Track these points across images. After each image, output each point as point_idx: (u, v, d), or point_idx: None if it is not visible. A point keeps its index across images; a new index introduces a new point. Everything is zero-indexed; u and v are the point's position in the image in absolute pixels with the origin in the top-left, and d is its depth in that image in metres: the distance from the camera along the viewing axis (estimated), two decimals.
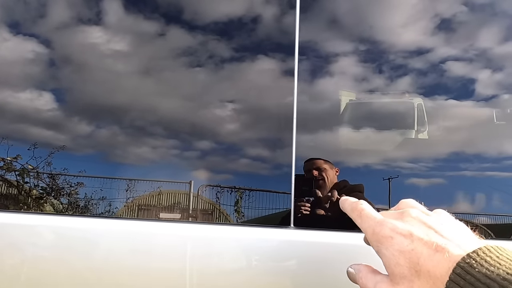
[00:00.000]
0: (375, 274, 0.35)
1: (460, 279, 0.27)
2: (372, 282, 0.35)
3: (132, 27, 0.90)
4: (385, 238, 0.32)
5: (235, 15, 0.86)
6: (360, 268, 0.37)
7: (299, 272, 0.66)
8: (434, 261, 0.29)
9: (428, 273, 0.29)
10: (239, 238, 0.71)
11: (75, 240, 0.73)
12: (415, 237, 0.31)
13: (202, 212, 0.81)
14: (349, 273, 0.39)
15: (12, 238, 0.74)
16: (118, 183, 0.83)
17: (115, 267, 0.70)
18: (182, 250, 0.70)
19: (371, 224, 0.35)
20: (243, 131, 0.83)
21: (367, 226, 0.36)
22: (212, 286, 0.68)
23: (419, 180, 0.77)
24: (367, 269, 0.36)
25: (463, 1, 0.84)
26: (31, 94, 0.90)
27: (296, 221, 0.72)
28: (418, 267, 0.30)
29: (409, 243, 0.31)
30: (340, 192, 0.73)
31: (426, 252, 0.30)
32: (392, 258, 0.31)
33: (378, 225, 0.34)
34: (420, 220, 0.33)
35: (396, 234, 0.32)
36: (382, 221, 0.34)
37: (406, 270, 0.30)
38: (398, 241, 0.31)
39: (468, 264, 0.27)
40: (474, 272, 0.27)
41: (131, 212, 0.82)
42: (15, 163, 0.85)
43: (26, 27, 0.92)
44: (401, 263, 0.31)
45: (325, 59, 0.83)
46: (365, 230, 0.36)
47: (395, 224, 0.33)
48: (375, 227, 0.34)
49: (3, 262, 0.73)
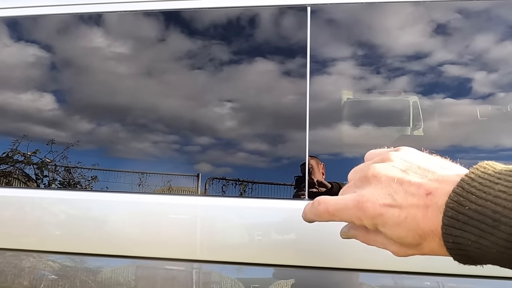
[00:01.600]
0: (375, 232, 0.32)
1: (454, 222, 0.26)
2: (377, 242, 0.33)
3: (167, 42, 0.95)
4: (376, 218, 0.30)
5: (260, 25, 0.91)
6: (356, 227, 0.35)
7: None
8: (430, 218, 0.28)
9: (431, 232, 0.28)
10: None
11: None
12: (399, 202, 0.29)
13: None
14: (343, 233, 0.37)
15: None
16: (136, 177, 0.89)
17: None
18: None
19: (350, 213, 0.32)
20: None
21: (348, 217, 0.32)
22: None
23: None
24: (364, 227, 0.34)
25: (456, 9, 0.88)
26: (40, 97, 0.96)
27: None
28: (420, 231, 0.28)
29: (399, 212, 0.29)
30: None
31: (419, 212, 0.28)
32: (392, 233, 0.30)
33: (357, 209, 0.31)
34: (389, 177, 0.30)
35: (381, 208, 0.30)
36: (357, 201, 0.31)
37: (410, 238, 0.29)
38: (389, 216, 0.29)
39: (457, 202, 0.26)
40: (464, 210, 0.26)
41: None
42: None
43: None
44: (402, 234, 0.29)
45: (330, 61, 0.88)
46: (350, 221, 0.33)
47: (373, 196, 0.30)
48: (357, 214, 0.31)
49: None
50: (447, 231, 0.27)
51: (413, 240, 0.29)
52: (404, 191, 0.29)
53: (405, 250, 0.31)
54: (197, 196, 0.84)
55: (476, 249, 0.26)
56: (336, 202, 0.33)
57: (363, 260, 0.73)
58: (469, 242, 0.26)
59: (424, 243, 0.29)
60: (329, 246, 0.73)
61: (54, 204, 0.86)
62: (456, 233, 0.26)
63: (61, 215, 0.85)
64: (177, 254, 0.78)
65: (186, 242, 0.77)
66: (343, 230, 0.38)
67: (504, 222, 0.24)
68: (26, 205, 0.86)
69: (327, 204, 0.34)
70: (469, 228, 0.26)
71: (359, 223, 0.32)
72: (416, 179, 0.29)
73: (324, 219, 0.35)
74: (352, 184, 0.34)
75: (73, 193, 0.87)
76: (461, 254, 0.27)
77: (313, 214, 0.35)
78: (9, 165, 0.93)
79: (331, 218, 0.34)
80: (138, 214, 0.82)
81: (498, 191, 0.25)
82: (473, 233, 0.26)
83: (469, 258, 0.27)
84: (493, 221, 0.25)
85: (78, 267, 0.81)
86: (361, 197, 0.31)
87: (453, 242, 0.27)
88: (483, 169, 0.27)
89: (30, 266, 0.83)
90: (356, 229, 0.36)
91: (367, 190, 0.31)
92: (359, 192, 0.32)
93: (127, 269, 0.80)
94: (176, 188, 0.87)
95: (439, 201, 0.28)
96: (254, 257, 0.76)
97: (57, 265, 0.82)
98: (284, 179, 0.82)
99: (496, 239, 0.25)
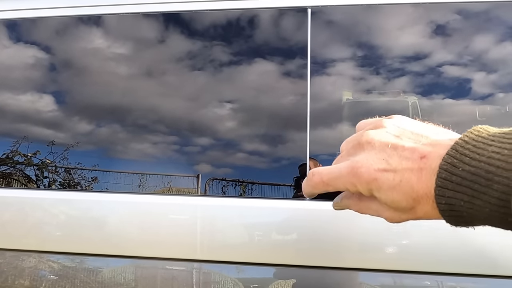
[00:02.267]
0: (369, 199, 0.32)
1: (448, 183, 0.26)
2: (371, 209, 0.33)
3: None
4: (371, 183, 0.30)
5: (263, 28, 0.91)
6: (349, 196, 0.35)
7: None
8: (424, 181, 0.28)
9: (425, 195, 0.28)
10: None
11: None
12: (394, 166, 0.29)
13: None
14: (336, 203, 0.37)
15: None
16: (136, 177, 0.89)
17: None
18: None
19: (344, 180, 0.31)
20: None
21: (342, 184, 0.32)
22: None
23: None
24: (357, 195, 0.34)
25: (455, 10, 0.89)
26: (39, 98, 0.97)
27: None
28: (414, 194, 0.28)
29: (394, 176, 0.29)
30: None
31: (414, 176, 0.28)
32: (387, 198, 0.30)
33: (351, 175, 0.31)
34: (383, 143, 0.30)
35: (376, 172, 0.29)
36: (351, 167, 0.31)
37: (405, 202, 0.29)
38: (384, 180, 0.29)
39: (451, 164, 0.26)
40: (458, 172, 0.26)
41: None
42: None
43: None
44: (397, 198, 0.29)
45: (331, 62, 0.88)
46: (345, 188, 0.32)
47: (367, 162, 0.30)
48: (351, 180, 0.31)
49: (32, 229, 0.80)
50: (440, 193, 0.27)
51: (407, 204, 0.29)
52: (399, 155, 0.29)
53: (399, 215, 0.31)
54: (197, 196, 0.85)
55: (468, 209, 0.26)
56: (330, 171, 0.33)
57: (363, 259, 0.73)
58: (461, 202, 0.26)
59: (418, 206, 0.29)
60: (329, 246, 0.73)
61: (54, 204, 0.86)
62: (449, 194, 0.26)
63: (61, 215, 0.85)
64: (177, 254, 0.78)
65: (186, 242, 0.78)
66: (335, 201, 0.38)
67: (497, 181, 0.25)
68: (26, 205, 0.86)
69: (321, 174, 0.33)
70: (462, 188, 0.26)
71: (353, 190, 0.32)
72: (410, 144, 0.29)
73: (319, 189, 0.34)
74: (345, 154, 0.34)
75: (73, 194, 0.88)
76: (454, 215, 0.27)
77: (309, 186, 0.35)
78: (10, 166, 0.93)
79: (326, 188, 0.34)
80: (138, 214, 0.82)
81: (492, 152, 0.26)
82: (466, 194, 0.26)
83: (462, 219, 0.27)
84: (486, 180, 0.25)
85: (79, 267, 0.81)
86: (355, 163, 0.31)
87: (446, 204, 0.27)
88: (477, 133, 0.28)
89: (30, 267, 0.83)
90: (349, 198, 0.36)
91: (361, 156, 0.31)
92: (352, 159, 0.31)
93: (128, 269, 0.80)
94: (176, 189, 0.87)
95: (432, 164, 0.28)
96: (254, 257, 0.76)
97: (57, 265, 0.82)
98: (285, 180, 0.82)
99: (489, 198, 0.25)
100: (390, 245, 0.73)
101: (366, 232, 0.74)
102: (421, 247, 0.72)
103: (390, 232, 0.74)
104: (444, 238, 0.71)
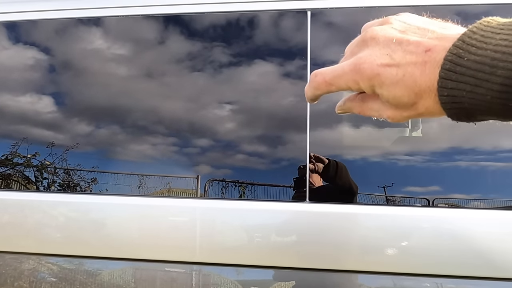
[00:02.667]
0: (372, 99, 0.32)
1: (451, 74, 0.26)
2: (373, 110, 0.32)
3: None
4: (373, 79, 0.29)
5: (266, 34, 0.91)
6: (352, 98, 0.34)
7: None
8: (427, 74, 0.27)
9: (428, 88, 0.27)
10: None
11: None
12: (397, 60, 0.28)
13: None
14: (339, 107, 0.36)
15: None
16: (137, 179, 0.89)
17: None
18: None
19: (347, 77, 0.30)
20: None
21: (345, 83, 0.31)
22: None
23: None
24: (360, 97, 0.33)
25: (455, 12, 0.89)
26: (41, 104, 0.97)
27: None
28: (416, 88, 0.28)
29: (397, 71, 0.28)
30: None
31: (417, 69, 0.27)
32: (389, 94, 0.29)
33: (354, 72, 0.30)
34: (387, 38, 0.29)
35: (379, 68, 0.29)
36: (354, 64, 0.30)
37: (406, 98, 0.28)
38: (386, 75, 0.28)
39: (456, 55, 0.26)
40: (463, 62, 0.25)
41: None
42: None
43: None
44: (399, 94, 0.28)
45: (330, 63, 0.88)
46: (347, 87, 0.31)
47: (371, 57, 0.29)
48: (354, 77, 0.30)
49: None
50: (443, 84, 0.26)
51: (409, 100, 0.28)
52: (403, 50, 0.28)
53: (401, 112, 0.30)
54: (197, 198, 0.85)
55: (470, 100, 0.26)
56: (333, 70, 0.32)
57: (362, 261, 0.73)
58: (464, 93, 0.26)
59: (419, 102, 0.28)
60: (328, 248, 0.74)
61: (53, 206, 0.86)
62: (451, 85, 0.26)
63: (60, 218, 0.85)
64: (177, 256, 0.78)
65: (186, 244, 0.78)
66: (339, 104, 0.37)
67: (501, 66, 0.24)
68: (25, 208, 0.86)
69: (324, 74, 0.32)
70: (465, 78, 0.25)
71: (356, 88, 0.31)
72: (415, 38, 0.28)
73: (322, 90, 0.33)
74: (349, 54, 0.32)
75: (72, 196, 0.88)
76: (455, 108, 0.27)
77: (312, 88, 0.34)
78: (9, 168, 0.93)
79: (328, 88, 0.32)
80: (137, 216, 0.82)
81: (499, 40, 0.25)
82: (468, 83, 0.25)
83: (463, 111, 0.27)
84: (491, 67, 0.24)
85: (78, 269, 0.81)
86: (358, 59, 0.30)
87: (448, 95, 0.26)
88: (486, 23, 0.27)
89: (30, 269, 0.83)
90: (352, 101, 0.35)
91: (364, 52, 0.30)
92: (356, 56, 0.31)
93: (127, 272, 0.80)
94: (175, 190, 0.87)
95: (437, 57, 0.27)
96: (254, 259, 0.76)
97: (56, 267, 0.82)
98: (286, 181, 0.82)
99: (491, 85, 0.24)
100: (390, 248, 0.73)
101: (366, 234, 0.75)
102: (421, 250, 0.72)
103: (390, 235, 0.74)
104: (444, 241, 0.71)
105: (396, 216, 0.75)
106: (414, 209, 0.77)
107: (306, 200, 0.78)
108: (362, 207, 0.77)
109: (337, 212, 0.76)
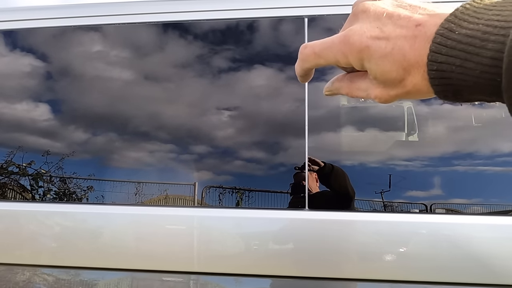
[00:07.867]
0: (360, 78, 0.32)
1: (441, 48, 0.25)
2: (361, 90, 0.32)
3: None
4: (362, 51, 0.29)
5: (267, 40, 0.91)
6: (340, 78, 0.34)
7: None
8: (417, 48, 0.27)
9: (417, 63, 0.27)
10: None
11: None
12: (387, 33, 0.28)
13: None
14: (327, 88, 0.36)
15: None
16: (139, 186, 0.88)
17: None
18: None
19: (336, 49, 0.30)
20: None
21: (333, 55, 0.31)
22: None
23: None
24: (348, 77, 0.33)
25: None
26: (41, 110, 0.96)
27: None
28: (405, 63, 0.27)
29: (386, 44, 0.28)
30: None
31: (407, 43, 0.27)
32: (377, 68, 0.29)
33: (343, 44, 0.30)
34: (378, 11, 0.29)
35: (368, 40, 0.29)
36: (344, 36, 0.30)
37: (395, 73, 0.28)
38: (375, 47, 0.28)
39: (447, 29, 0.26)
40: (454, 36, 0.25)
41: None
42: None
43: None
44: (387, 68, 0.28)
45: (328, 68, 0.88)
46: (336, 60, 0.31)
47: (361, 29, 0.29)
48: (343, 49, 0.30)
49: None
50: (433, 58, 0.26)
51: (397, 75, 0.28)
52: (393, 23, 0.28)
53: (388, 91, 0.30)
54: (194, 207, 0.84)
55: (459, 75, 0.25)
56: (322, 41, 0.32)
57: (361, 269, 0.73)
58: (453, 67, 0.25)
59: (408, 78, 0.28)
60: (327, 256, 0.73)
61: (48, 216, 0.85)
62: (441, 59, 0.26)
63: (55, 228, 0.84)
64: (174, 266, 0.77)
65: (183, 254, 0.77)
66: (327, 86, 0.36)
67: (492, 40, 0.24)
68: (20, 218, 0.85)
69: (313, 45, 0.32)
70: (455, 52, 0.25)
71: (344, 61, 0.30)
72: (406, 13, 0.29)
73: (310, 62, 0.33)
74: (340, 30, 0.32)
75: (67, 206, 0.87)
76: (443, 84, 0.26)
77: (300, 60, 0.33)
78: (4, 177, 0.92)
79: (317, 60, 0.32)
80: (133, 226, 0.81)
81: (492, 15, 0.25)
82: (458, 57, 0.25)
83: (450, 87, 0.26)
84: (481, 41, 0.24)
85: (73, 280, 0.80)
86: (348, 31, 0.30)
87: (437, 70, 0.26)
88: (479, 1, 0.27)
89: (24, 280, 0.82)
90: (340, 81, 0.35)
91: (355, 25, 0.30)
92: (347, 29, 0.31)
93: (123, 282, 0.79)
94: (172, 197, 0.86)
95: (428, 32, 0.27)
96: (252, 268, 0.75)
97: (52, 278, 0.81)
98: (284, 187, 0.82)
99: (481, 59, 0.24)
100: (388, 255, 0.72)
101: (364, 242, 0.74)
102: (419, 257, 0.72)
103: (388, 242, 0.74)
104: (442, 248, 0.71)
105: (394, 222, 0.75)
106: (412, 216, 0.77)
107: (305, 207, 0.78)
108: (360, 214, 0.77)
109: (336, 219, 0.76)
